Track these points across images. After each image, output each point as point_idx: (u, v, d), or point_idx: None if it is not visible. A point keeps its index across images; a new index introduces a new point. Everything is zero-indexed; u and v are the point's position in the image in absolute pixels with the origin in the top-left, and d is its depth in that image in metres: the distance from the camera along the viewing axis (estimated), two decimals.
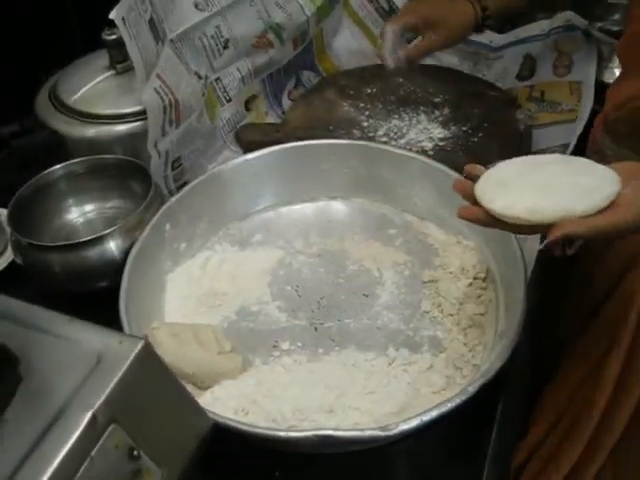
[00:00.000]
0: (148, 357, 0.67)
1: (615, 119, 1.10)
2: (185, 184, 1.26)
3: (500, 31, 1.67)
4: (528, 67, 1.55)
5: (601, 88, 1.34)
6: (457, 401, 0.84)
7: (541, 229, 0.84)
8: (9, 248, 1.17)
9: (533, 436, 1.20)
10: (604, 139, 1.13)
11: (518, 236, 1.04)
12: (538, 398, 1.23)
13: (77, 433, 0.60)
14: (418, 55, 1.34)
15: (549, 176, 0.87)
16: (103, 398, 0.62)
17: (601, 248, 1.16)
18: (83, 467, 0.60)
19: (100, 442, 0.62)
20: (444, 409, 0.84)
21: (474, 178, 0.89)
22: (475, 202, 0.86)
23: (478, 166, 0.91)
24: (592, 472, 1.14)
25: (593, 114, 1.30)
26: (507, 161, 0.91)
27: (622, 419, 1.11)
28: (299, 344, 1.04)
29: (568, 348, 1.21)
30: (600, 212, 0.81)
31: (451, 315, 1.07)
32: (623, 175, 0.83)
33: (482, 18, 1.32)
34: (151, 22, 1.16)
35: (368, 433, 0.83)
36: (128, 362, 0.65)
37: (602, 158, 1.12)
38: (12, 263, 1.16)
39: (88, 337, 0.68)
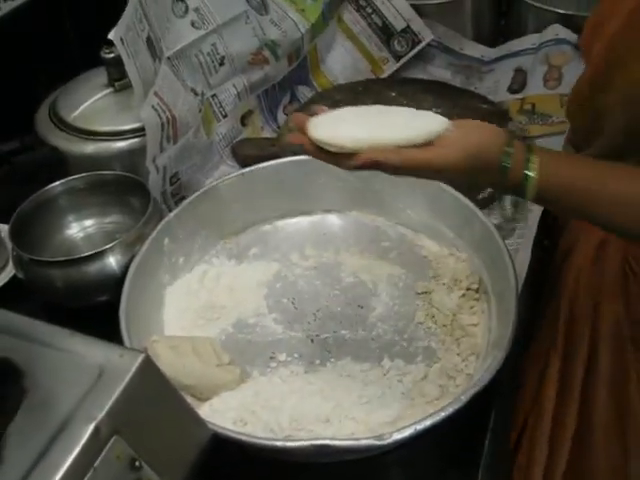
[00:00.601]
0: (149, 370, 0.69)
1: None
2: (183, 199, 1.28)
3: (492, 45, 1.70)
4: (519, 80, 1.58)
5: None
6: (450, 410, 0.85)
7: (355, 159, 0.85)
8: (10, 263, 1.18)
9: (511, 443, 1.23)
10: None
11: (510, 248, 1.07)
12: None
13: (81, 444, 0.61)
14: None
15: (385, 117, 0.89)
16: (105, 410, 0.63)
17: (567, 252, 1.18)
18: (87, 478, 0.61)
19: (103, 453, 0.63)
20: (437, 418, 0.85)
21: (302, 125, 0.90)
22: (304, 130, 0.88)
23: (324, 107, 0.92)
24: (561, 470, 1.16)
25: None
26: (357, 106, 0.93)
27: (569, 425, 1.14)
28: (296, 355, 1.06)
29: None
30: (419, 147, 0.83)
31: (445, 326, 1.08)
32: (458, 125, 0.85)
33: None
34: (148, 41, 1.18)
35: (363, 442, 0.84)
36: (129, 375, 0.66)
37: None
38: (13, 278, 1.17)
39: (90, 351, 0.70)
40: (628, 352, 1.10)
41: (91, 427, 0.62)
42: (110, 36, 1.08)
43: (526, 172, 0.84)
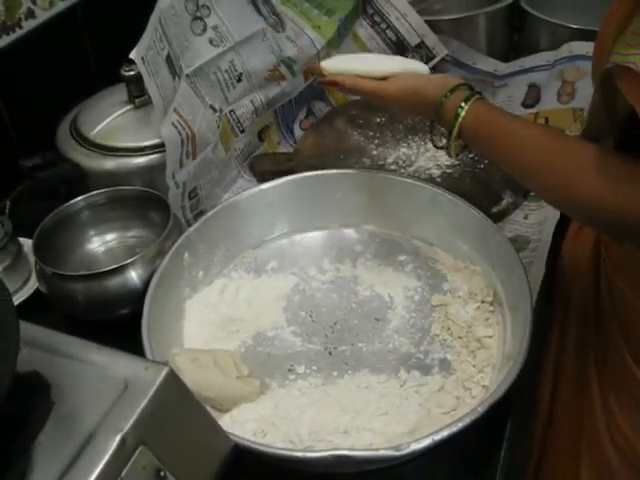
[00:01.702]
0: (172, 382, 0.70)
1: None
2: (201, 213, 1.30)
3: (505, 60, 1.71)
4: (533, 95, 1.59)
5: None
6: (467, 421, 0.86)
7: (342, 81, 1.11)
8: (33, 277, 1.20)
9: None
10: None
11: (524, 260, 1.08)
12: None
13: (108, 455, 0.63)
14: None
15: (377, 60, 1.17)
16: (132, 422, 0.65)
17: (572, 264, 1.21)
18: None
19: (129, 463, 0.64)
20: (454, 429, 0.86)
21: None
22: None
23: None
24: None
25: None
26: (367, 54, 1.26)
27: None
28: (314, 368, 1.07)
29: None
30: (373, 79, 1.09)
31: (460, 338, 1.09)
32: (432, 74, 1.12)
33: None
34: (168, 59, 1.20)
35: (382, 453, 0.85)
36: (154, 387, 0.68)
37: None
38: (36, 291, 1.19)
39: (115, 364, 0.71)
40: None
41: (118, 438, 0.64)
42: (131, 55, 1.10)
43: (457, 110, 1.00)
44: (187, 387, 0.74)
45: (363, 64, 1.13)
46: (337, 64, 1.15)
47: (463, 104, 1.00)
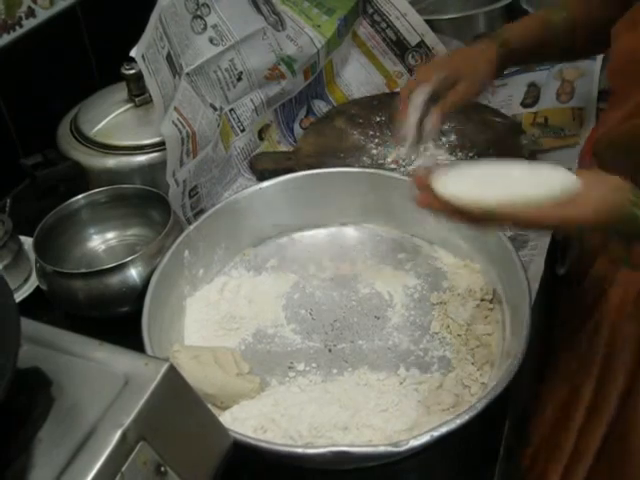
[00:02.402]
0: (173, 378, 0.70)
1: (607, 141, 1.10)
2: (202, 211, 1.31)
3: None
4: (532, 95, 1.59)
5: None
6: (465, 418, 0.86)
7: (492, 217, 0.85)
8: (34, 275, 1.20)
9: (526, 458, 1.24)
10: (592, 164, 1.15)
11: (523, 259, 1.08)
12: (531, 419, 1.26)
13: (109, 450, 0.63)
14: (452, 106, 1.21)
15: (510, 170, 0.89)
16: (132, 417, 0.65)
17: (585, 270, 1.20)
18: None
19: (130, 459, 0.64)
20: (453, 425, 0.86)
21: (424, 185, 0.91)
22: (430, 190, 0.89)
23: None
24: None
25: None
26: (471, 162, 0.93)
27: (594, 444, 1.16)
28: (314, 365, 1.07)
29: (553, 365, 1.25)
30: (554, 204, 0.83)
31: (459, 336, 1.09)
32: (584, 179, 0.84)
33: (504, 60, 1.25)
34: (168, 57, 1.20)
35: (380, 449, 0.85)
36: (155, 383, 0.68)
37: None
38: (37, 289, 1.19)
39: (116, 360, 0.71)
40: None
41: (118, 433, 0.64)
42: (132, 54, 1.11)
43: None
44: (187, 383, 0.74)
45: (508, 186, 0.85)
46: (459, 189, 0.87)
47: None
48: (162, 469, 0.68)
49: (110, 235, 1.28)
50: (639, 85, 1.01)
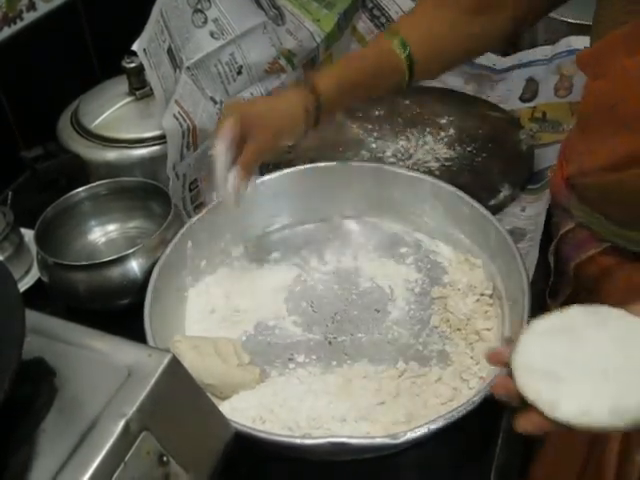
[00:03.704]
0: (175, 369, 0.71)
1: (582, 184, 1.09)
2: (201, 204, 1.31)
3: (503, 54, 1.72)
4: (531, 89, 1.60)
5: None
6: (463, 411, 0.87)
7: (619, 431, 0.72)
8: (35, 267, 1.21)
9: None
10: (570, 199, 1.13)
11: (521, 252, 1.08)
12: None
13: (112, 440, 0.63)
14: (252, 163, 1.08)
15: (597, 354, 0.71)
16: (135, 407, 0.65)
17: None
18: (118, 472, 0.63)
19: (133, 448, 0.65)
20: (450, 418, 0.87)
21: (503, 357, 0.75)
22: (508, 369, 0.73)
23: (502, 351, 0.76)
24: None
25: None
26: (527, 333, 0.75)
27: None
28: (314, 357, 1.08)
29: None
30: None
31: (459, 330, 1.10)
32: None
33: (315, 109, 1.10)
34: (169, 51, 1.20)
35: (378, 441, 0.86)
36: (157, 374, 0.69)
37: (568, 216, 1.16)
38: (38, 281, 1.20)
39: (119, 351, 0.72)
40: None
41: (122, 423, 0.64)
42: (134, 47, 1.11)
43: None
44: (189, 374, 0.74)
45: (608, 404, 0.67)
46: (568, 408, 0.68)
47: None
48: (164, 459, 0.68)
49: (111, 227, 1.28)
50: (614, 130, 1.00)
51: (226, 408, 0.97)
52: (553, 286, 1.25)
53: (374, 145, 1.45)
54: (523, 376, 0.71)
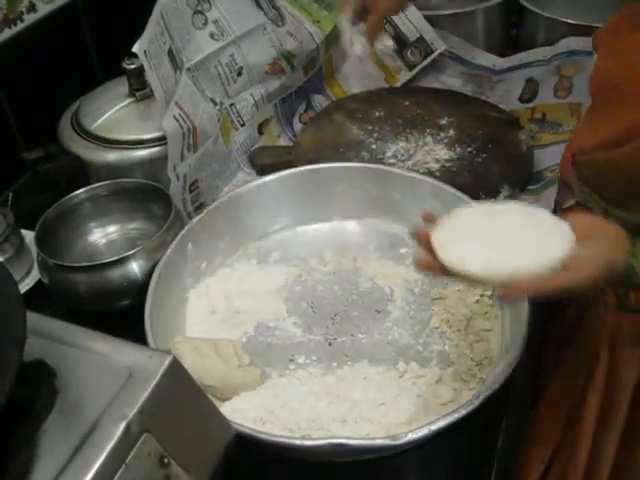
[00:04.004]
0: (176, 371, 0.71)
1: (580, 162, 1.10)
2: (202, 206, 1.31)
3: (503, 55, 1.72)
4: (530, 90, 1.60)
5: None
6: (463, 412, 0.87)
7: (491, 284, 0.89)
8: (35, 268, 1.21)
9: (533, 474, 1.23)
10: (571, 175, 1.15)
11: None
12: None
13: (113, 442, 0.64)
14: (377, 28, 1.24)
15: (505, 229, 0.88)
16: (136, 409, 0.66)
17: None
18: (119, 473, 0.64)
19: (134, 450, 0.65)
20: (451, 419, 0.87)
21: (432, 222, 0.90)
22: (431, 249, 0.86)
23: (433, 214, 0.91)
24: None
25: None
26: (466, 207, 0.93)
27: (609, 458, 1.16)
28: (314, 358, 1.08)
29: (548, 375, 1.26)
30: (551, 273, 0.81)
31: (459, 331, 1.10)
32: (578, 231, 0.83)
33: None
34: (170, 52, 1.21)
35: (378, 442, 0.86)
36: (158, 376, 0.69)
37: (570, 192, 1.16)
38: (38, 283, 1.20)
39: (120, 352, 0.72)
40: None
41: (123, 425, 0.64)
42: (134, 49, 1.11)
43: None
44: (190, 375, 0.74)
45: (503, 255, 0.84)
46: (466, 258, 0.84)
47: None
48: (165, 460, 0.69)
49: (111, 229, 1.29)
50: (616, 108, 1.01)
51: (227, 409, 0.97)
52: None
53: (374, 146, 1.45)
54: (438, 231, 0.87)
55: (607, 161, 1.01)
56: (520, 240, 0.86)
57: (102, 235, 1.28)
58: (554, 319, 1.27)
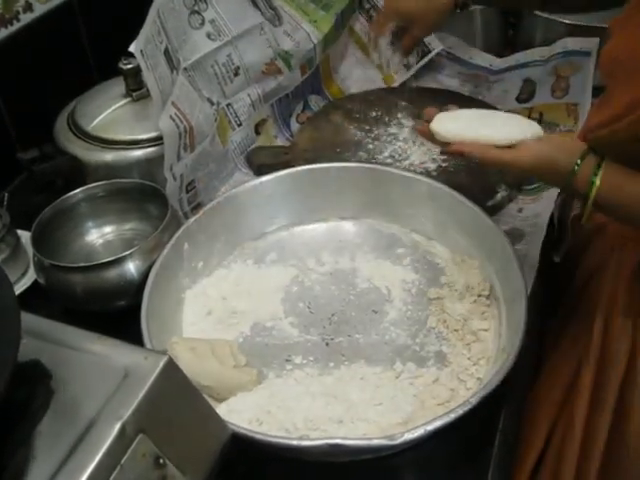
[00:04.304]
0: (172, 371, 0.71)
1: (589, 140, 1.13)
2: (199, 206, 1.31)
3: (500, 55, 1.72)
4: (528, 90, 1.60)
5: None
6: (460, 412, 0.87)
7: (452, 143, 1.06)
8: (31, 269, 1.21)
9: (530, 458, 1.24)
10: None
11: (519, 253, 1.09)
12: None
13: (108, 443, 0.63)
14: (411, 46, 1.41)
15: (488, 119, 1.10)
16: (131, 410, 0.66)
17: (579, 256, 1.24)
18: (114, 474, 0.63)
19: (129, 451, 0.65)
20: (447, 419, 0.87)
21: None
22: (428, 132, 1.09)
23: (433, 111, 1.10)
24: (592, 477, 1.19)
25: None
26: (439, 115, 1.10)
27: (602, 435, 1.17)
28: (311, 358, 1.08)
29: (545, 362, 1.27)
30: (499, 148, 1.02)
31: (456, 331, 1.10)
32: (547, 135, 1.04)
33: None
34: (166, 52, 1.20)
35: (375, 442, 0.86)
36: (153, 376, 0.68)
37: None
38: (34, 283, 1.20)
39: (115, 353, 0.72)
40: None
41: (118, 426, 0.64)
42: (131, 49, 1.11)
43: (592, 178, 0.97)
44: (186, 376, 0.74)
45: (478, 128, 1.06)
46: (448, 128, 1.07)
47: (596, 172, 0.98)
48: (161, 461, 0.68)
49: (108, 229, 1.28)
50: (621, 86, 1.02)
51: (223, 410, 0.97)
52: (556, 241, 1.28)
53: (371, 146, 1.45)
54: (439, 115, 1.09)
55: (607, 136, 1.02)
56: (494, 126, 1.06)
57: (98, 235, 1.28)
58: (552, 317, 1.27)
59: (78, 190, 1.23)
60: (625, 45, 1.03)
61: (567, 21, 1.62)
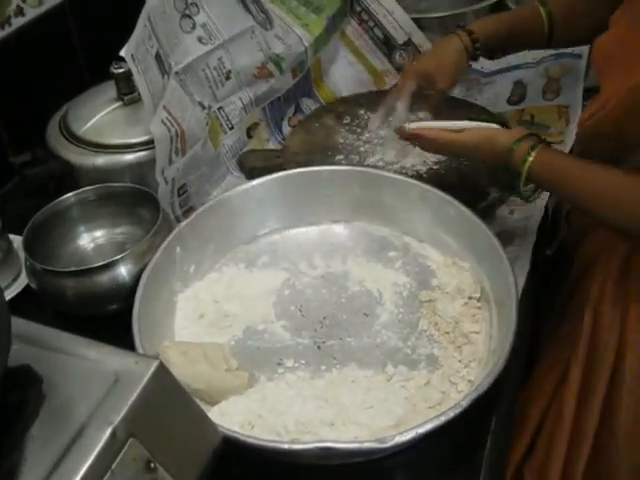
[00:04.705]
0: (162, 376, 0.71)
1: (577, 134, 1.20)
2: (191, 209, 1.31)
3: (491, 58, 1.72)
4: (519, 92, 1.60)
5: None
6: (451, 415, 0.87)
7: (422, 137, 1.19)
8: (23, 273, 1.20)
9: (519, 448, 1.25)
10: (576, 146, 1.22)
11: (509, 255, 1.09)
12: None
13: (99, 447, 0.63)
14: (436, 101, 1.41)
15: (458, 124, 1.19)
16: (122, 414, 0.65)
17: (572, 250, 1.25)
18: (105, 479, 0.63)
19: (120, 456, 0.65)
20: (438, 422, 0.87)
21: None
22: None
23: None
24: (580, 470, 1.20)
25: None
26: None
27: (591, 427, 1.18)
28: (302, 362, 1.08)
29: (537, 361, 1.29)
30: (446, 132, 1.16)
31: (447, 333, 1.10)
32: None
33: (474, 48, 1.35)
34: (157, 56, 1.21)
35: (366, 445, 0.86)
36: (144, 381, 0.68)
37: None
38: (26, 288, 1.19)
39: (106, 358, 0.72)
40: None
41: (108, 431, 0.64)
42: (122, 53, 1.11)
43: (526, 156, 1.07)
44: (177, 380, 0.74)
45: (441, 124, 1.20)
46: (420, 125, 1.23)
47: (531, 150, 1.07)
48: (152, 465, 0.68)
49: (99, 233, 1.28)
50: (611, 76, 1.06)
51: (215, 413, 0.97)
52: (550, 234, 1.31)
53: (363, 149, 1.45)
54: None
55: (592, 126, 1.08)
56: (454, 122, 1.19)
57: (90, 239, 1.28)
58: (547, 316, 1.28)
59: (70, 194, 1.23)
60: (615, 35, 1.06)
61: None
